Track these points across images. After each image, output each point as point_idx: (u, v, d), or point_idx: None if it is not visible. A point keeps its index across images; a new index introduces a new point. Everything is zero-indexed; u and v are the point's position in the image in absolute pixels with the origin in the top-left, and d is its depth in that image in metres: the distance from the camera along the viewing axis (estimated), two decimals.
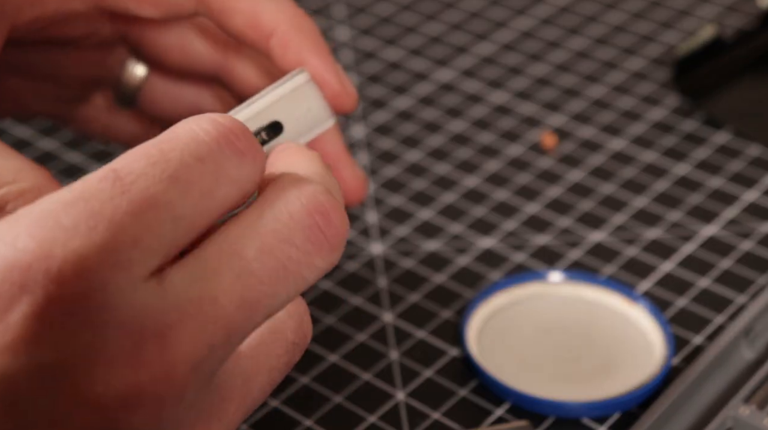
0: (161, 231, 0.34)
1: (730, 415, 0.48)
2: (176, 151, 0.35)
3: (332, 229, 0.37)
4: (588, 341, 0.53)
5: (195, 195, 0.35)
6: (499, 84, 0.70)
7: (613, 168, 0.63)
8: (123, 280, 0.33)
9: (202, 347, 0.34)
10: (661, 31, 0.74)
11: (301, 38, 0.47)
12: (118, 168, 0.34)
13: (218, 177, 0.35)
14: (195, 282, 0.34)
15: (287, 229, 0.36)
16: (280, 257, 0.35)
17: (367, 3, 0.77)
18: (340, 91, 0.47)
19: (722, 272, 0.57)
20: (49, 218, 0.33)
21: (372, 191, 0.62)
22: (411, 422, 0.50)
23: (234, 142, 0.36)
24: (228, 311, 0.34)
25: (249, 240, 0.35)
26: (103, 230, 0.33)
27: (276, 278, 0.35)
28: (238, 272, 0.35)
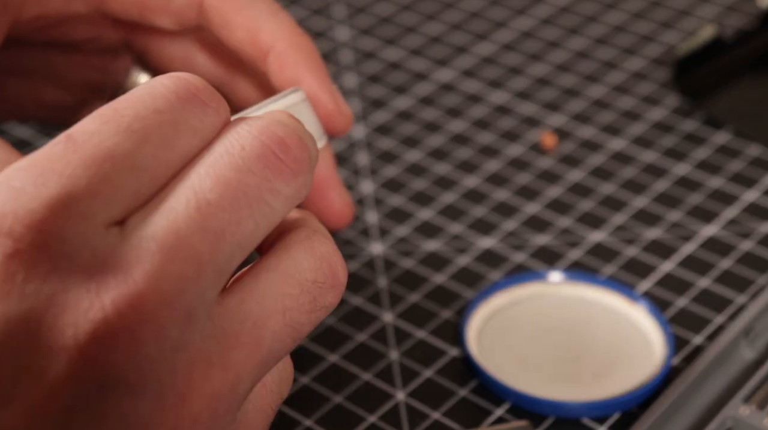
0: (120, 181, 0.34)
1: (730, 415, 0.48)
2: (131, 108, 0.35)
3: (290, 154, 0.37)
4: (588, 341, 0.53)
5: (153, 145, 0.35)
6: (499, 84, 0.70)
7: (613, 168, 0.63)
8: (82, 229, 0.33)
9: (169, 279, 0.34)
10: (661, 31, 0.74)
11: (298, 56, 0.47)
12: (71, 132, 0.35)
13: (177, 127, 0.35)
14: (153, 221, 0.34)
15: (241, 159, 0.36)
16: (237, 185, 0.35)
17: (367, 3, 0.77)
18: (335, 112, 0.47)
19: (722, 272, 0.57)
20: (2, 185, 0.33)
21: (372, 191, 0.62)
22: (411, 422, 0.50)
23: (195, 94, 0.36)
24: (191, 242, 0.34)
25: (204, 176, 0.35)
26: (54, 185, 0.33)
27: (237, 205, 0.35)
28: (196, 205, 0.35)
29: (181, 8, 0.48)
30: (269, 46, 0.47)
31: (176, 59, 0.51)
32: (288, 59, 0.47)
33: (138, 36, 0.51)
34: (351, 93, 0.69)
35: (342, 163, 0.64)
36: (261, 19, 0.47)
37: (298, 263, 0.37)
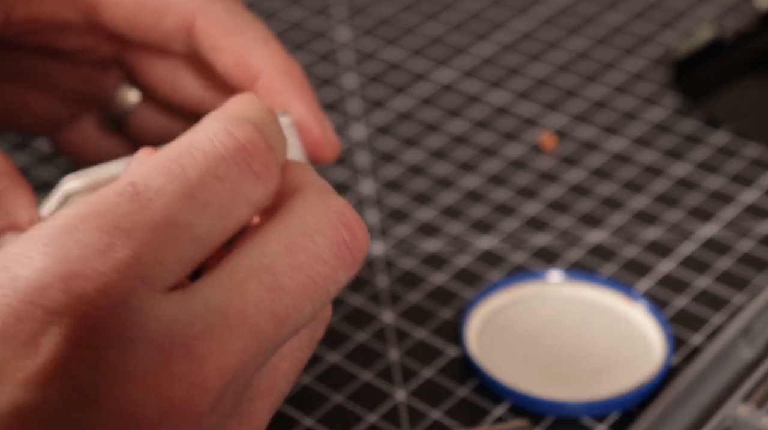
0: (180, 250, 0.34)
1: (729, 414, 0.48)
2: (195, 169, 0.35)
3: (357, 243, 0.37)
4: (587, 341, 0.53)
5: (212, 215, 0.35)
6: (498, 84, 0.70)
7: (613, 168, 0.63)
8: (146, 295, 0.33)
9: (233, 358, 0.33)
10: (660, 32, 0.74)
11: (287, 83, 0.47)
12: (136, 182, 0.34)
13: (235, 197, 0.35)
14: (221, 293, 0.34)
15: (317, 245, 0.36)
16: (309, 273, 0.35)
17: (367, 3, 0.77)
18: (322, 139, 0.46)
19: (721, 272, 0.57)
20: (65, 235, 0.33)
21: (372, 191, 0.62)
22: (411, 422, 0.50)
23: (251, 165, 0.35)
24: (258, 322, 0.34)
25: (280, 256, 0.35)
26: (123, 247, 0.33)
27: (305, 294, 0.35)
28: (269, 286, 0.35)
29: (172, 29, 0.47)
30: (258, 71, 0.47)
31: (164, 79, 0.51)
32: (277, 85, 0.46)
33: (128, 52, 0.51)
34: (351, 93, 0.69)
35: (342, 164, 0.64)
36: (251, 45, 0.47)
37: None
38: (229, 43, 0.47)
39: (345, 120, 0.67)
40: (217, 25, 0.47)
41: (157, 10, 0.47)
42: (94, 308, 0.32)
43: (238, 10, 0.48)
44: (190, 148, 0.35)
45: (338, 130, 0.66)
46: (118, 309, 0.32)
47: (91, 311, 0.32)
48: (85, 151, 0.55)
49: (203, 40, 0.47)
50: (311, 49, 0.73)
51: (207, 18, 0.47)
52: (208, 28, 0.47)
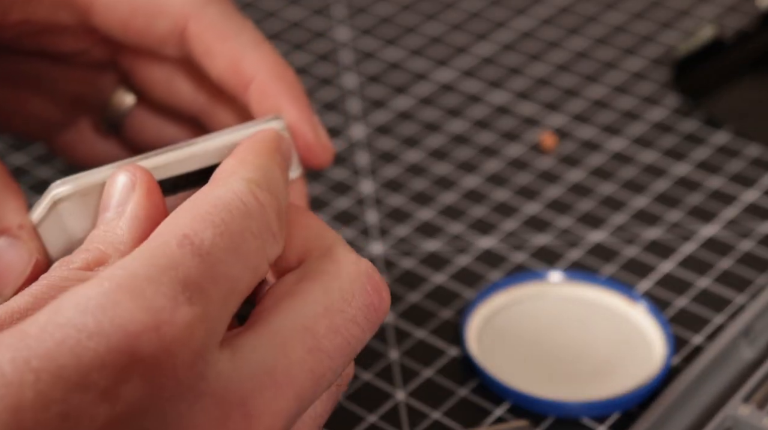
0: (229, 303, 0.35)
1: (730, 414, 0.48)
2: (236, 224, 0.36)
3: (383, 305, 0.39)
4: (588, 341, 0.53)
5: (250, 269, 0.36)
6: (498, 84, 0.70)
7: (613, 168, 0.63)
8: (211, 352, 0.34)
9: (280, 418, 0.35)
10: (660, 32, 0.74)
11: (280, 87, 0.47)
12: (190, 234, 0.35)
13: (262, 255, 0.37)
14: (269, 354, 0.36)
15: (352, 308, 0.38)
16: (345, 335, 0.37)
17: (367, 3, 0.77)
18: (314, 144, 0.46)
19: (722, 272, 0.57)
20: (150, 285, 0.34)
21: (372, 191, 0.62)
22: (411, 422, 0.50)
23: (271, 226, 0.37)
24: (300, 381, 0.36)
25: (320, 318, 0.37)
26: (198, 301, 0.34)
27: (341, 354, 0.37)
28: (310, 347, 0.36)
29: (164, 33, 0.47)
30: (251, 76, 0.47)
31: (159, 82, 0.51)
32: (270, 90, 0.46)
33: (123, 55, 0.51)
34: (351, 93, 0.69)
35: (342, 163, 0.64)
36: (244, 50, 0.47)
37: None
38: (221, 47, 0.47)
39: (345, 120, 0.67)
40: (210, 29, 0.47)
41: (150, 14, 0.47)
42: (175, 359, 0.33)
43: (230, 13, 0.48)
44: (225, 205, 0.37)
45: (338, 130, 0.66)
46: (196, 362, 0.33)
47: (173, 362, 0.33)
48: (81, 154, 0.55)
49: (196, 44, 0.47)
50: (311, 49, 0.73)
51: (199, 22, 0.47)
52: (201, 32, 0.47)
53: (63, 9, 0.48)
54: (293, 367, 0.36)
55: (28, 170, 0.64)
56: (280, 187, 0.39)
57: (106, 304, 0.33)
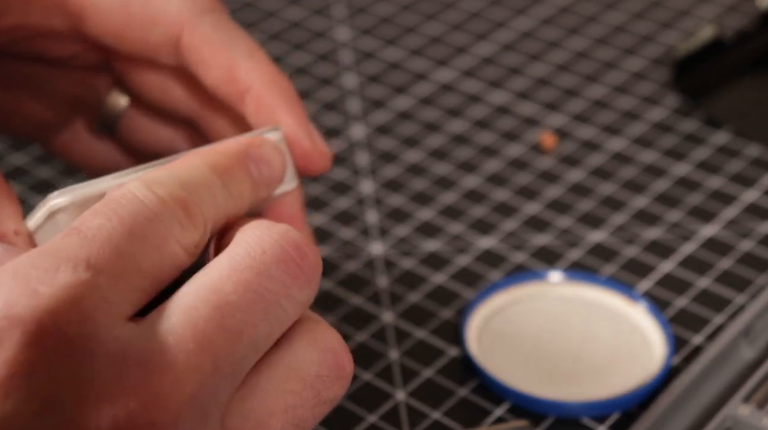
0: (128, 280, 0.35)
1: (730, 414, 0.48)
2: (127, 211, 0.37)
3: (306, 261, 0.38)
4: (588, 341, 0.53)
5: (150, 249, 0.36)
6: (499, 84, 0.70)
7: (613, 168, 0.63)
8: (103, 316, 0.34)
9: (189, 373, 0.34)
10: (660, 32, 0.74)
11: (275, 96, 0.46)
12: (77, 225, 0.36)
13: (164, 236, 0.37)
14: (173, 316, 0.35)
15: (263, 263, 0.37)
16: (257, 288, 0.36)
17: (367, 3, 0.77)
18: (313, 152, 0.46)
19: (722, 272, 0.57)
20: (28, 265, 0.34)
21: (372, 191, 0.62)
22: (411, 422, 0.50)
23: (176, 213, 0.37)
24: (210, 338, 0.35)
25: (226, 277, 0.36)
26: (82, 270, 0.34)
27: (254, 308, 0.36)
28: (216, 303, 0.36)
29: (158, 42, 0.47)
30: (246, 86, 0.47)
31: (153, 88, 0.51)
32: (265, 99, 0.46)
33: (117, 60, 0.51)
34: (351, 93, 0.69)
35: (342, 163, 0.64)
36: (238, 59, 0.47)
37: (301, 356, 0.37)
38: (216, 57, 0.47)
39: (345, 120, 0.67)
40: (204, 39, 0.47)
41: (144, 24, 0.47)
42: (58, 316, 0.33)
43: (224, 22, 0.47)
44: (115, 199, 0.37)
45: (338, 130, 0.66)
46: (84, 321, 0.33)
47: (56, 319, 0.33)
48: (77, 155, 0.55)
49: (190, 54, 0.47)
50: (311, 49, 0.73)
51: (193, 32, 0.47)
52: (195, 42, 0.47)
53: (57, 16, 0.48)
54: (199, 323, 0.35)
55: (28, 170, 0.64)
56: (198, 185, 0.39)
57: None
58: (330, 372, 0.38)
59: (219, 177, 0.40)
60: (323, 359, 0.38)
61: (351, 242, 0.59)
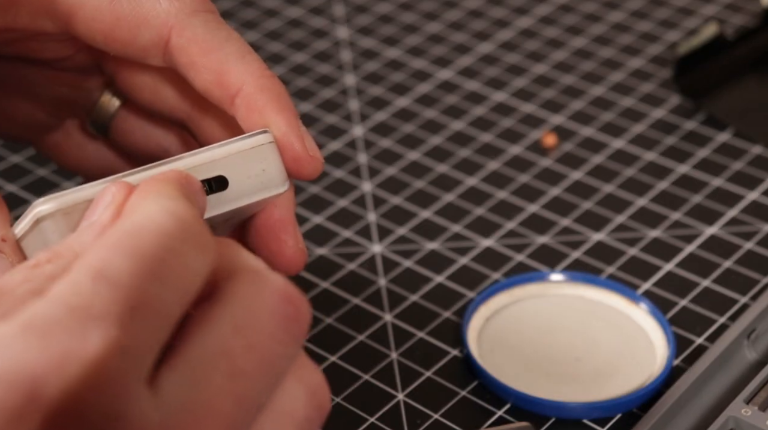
0: (155, 329, 0.34)
1: (732, 416, 0.48)
2: (150, 246, 0.35)
3: (301, 315, 0.37)
4: (589, 342, 0.53)
5: (171, 288, 0.34)
6: (499, 83, 0.70)
7: (614, 168, 0.63)
8: (135, 385, 0.33)
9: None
10: (662, 30, 0.74)
11: (266, 99, 0.46)
12: (100, 267, 0.34)
13: (186, 270, 0.35)
14: (187, 388, 0.34)
15: (267, 324, 0.36)
16: (264, 352, 0.36)
17: (366, 2, 0.77)
18: (303, 155, 0.46)
19: (724, 273, 0.57)
20: (54, 325, 0.32)
21: (372, 191, 0.62)
22: (411, 422, 0.50)
23: (196, 237, 0.36)
24: (225, 411, 0.34)
25: (234, 339, 0.35)
26: (112, 329, 0.32)
27: (264, 372, 0.35)
28: (229, 372, 0.35)
29: (147, 45, 0.47)
30: (237, 88, 0.46)
31: (145, 89, 0.50)
32: (256, 102, 0.46)
33: (107, 60, 0.50)
34: (350, 92, 0.69)
35: (342, 163, 0.64)
36: (228, 62, 0.46)
37: (293, 400, 0.37)
38: (205, 60, 0.46)
39: (345, 119, 0.67)
40: (193, 41, 0.46)
41: (133, 25, 0.47)
42: (84, 400, 0.32)
43: (215, 23, 0.47)
44: (136, 230, 0.35)
45: (338, 129, 0.66)
46: (111, 403, 0.32)
47: (81, 404, 0.32)
48: (70, 157, 0.54)
49: (179, 56, 0.47)
50: (311, 48, 0.73)
51: (182, 34, 0.46)
52: (184, 44, 0.46)
53: (44, 17, 0.47)
54: (214, 398, 0.34)
55: (28, 170, 0.64)
56: (195, 205, 0.38)
57: (8, 345, 0.32)
58: (316, 412, 0.37)
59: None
60: (311, 399, 0.37)
61: (351, 242, 0.59)
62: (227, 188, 0.43)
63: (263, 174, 0.43)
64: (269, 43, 0.73)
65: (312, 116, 0.67)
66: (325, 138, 0.65)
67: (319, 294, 0.56)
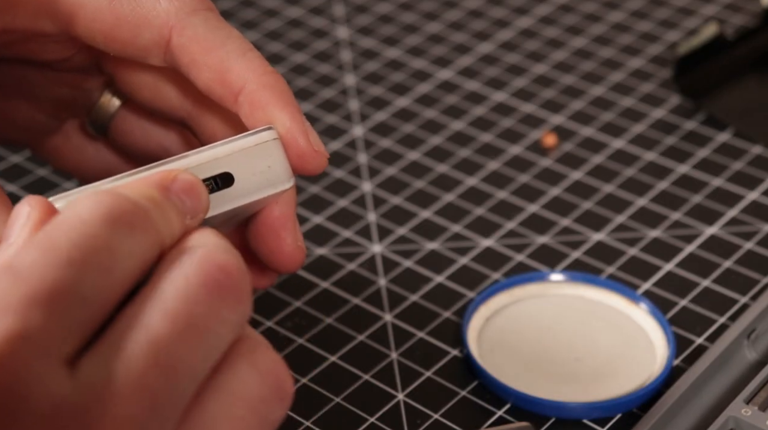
0: (70, 314, 0.34)
1: (732, 416, 0.48)
2: (65, 235, 0.35)
3: (232, 280, 0.36)
4: (589, 342, 0.53)
5: (94, 274, 0.34)
6: (499, 83, 0.70)
7: (614, 167, 0.63)
8: (36, 371, 0.33)
9: (127, 423, 0.33)
10: (662, 30, 0.74)
11: (269, 96, 0.46)
12: (9, 263, 0.34)
13: (112, 253, 0.35)
14: (105, 362, 0.34)
15: (186, 289, 0.35)
16: (185, 315, 0.35)
17: (366, 2, 0.77)
18: (308, 150, 0.45)
19: (724, 273, 0.57)
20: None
21: (372, 191, 0.62)
22: (411, 422, 0.50)
23: (122, 217, 0.36)
24: (148, 383, 0.34)
25: (150, 309, 0.35)
26: (13, 322, 0.33)
27: (186, 337, 0.35)
28: (145, 340, 0.34)
29: (148, 45, 0.47)
30: (239, 86, 0.46)
31: (145, 89, 0.50)
32: (259, 100, 0.45)
33: (108, 60, 0.50)
34: (350, 92, 0.69)
35: (342, 163, 0.64)
36: (230, 60, 0.46)
37: (243, 380, 0.36)
38: (207, 59, 0.46)
39: (345, 119, 0.67)
40: (194, 40, 0.46)
41: (134, 25, 0.46)
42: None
43: (215, 22, 0.47)
44: (56, 221, 0.35)
45: (338, 129, 0.66)
46: (13, 383, 0.32)
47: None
48: (69, 159, 0.54)
49: (180, 55, 0.46)
50: (311, 48, 0.73)
51: (183, 33, 0.46)
52: (185, 43, 0.46)
53: (44, 18, 0.47)
54: (136, 371, 0.34)
55: (28, 170, 0.64)
56: (134, 196, 0.37)
57: None
58: (273, 394, 0.37)
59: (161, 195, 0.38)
60: (265, 380, 0.37)
61: (351, 242, 0.59)
62: (232, 185, 0.43)
63: (268, 171, 0.43)
64: (269, 43, 0.73)
65: (312, 116, 0.67)
66: (325, 138, 0.65)
67: (319, 294, 0.56)
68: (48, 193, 0.62)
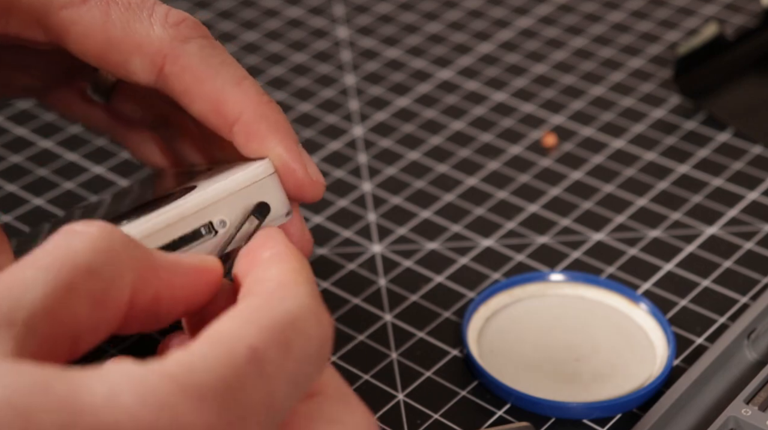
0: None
1: (732, 416, 0.48)
2: (299, 345, 0.35)
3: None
4: (589, 342, 0.53)
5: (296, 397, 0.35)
6: (499, 83, 0.70)
7: (614, 167, 0.63)
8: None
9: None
10: (662, 30, 0.74)
11: (265, 126, 0.45)
12: (258, 348, 0.34)
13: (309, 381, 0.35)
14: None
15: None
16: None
17: (366, 2, 0.77)
18: (305, 180, 0.45)
19: (724, 273, 0.57)
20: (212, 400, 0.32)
21: (372, 191, 0.62)
22: (411, 422, 0.50)
23: (324, 352, 0.36)
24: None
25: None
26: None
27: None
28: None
29: (138, 71, 0.46)
30: (235, 117, 0.45)
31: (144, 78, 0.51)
32: (255, 130, 0.45)
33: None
34: (350, 92, 0.69)
35: (342, 163, 0.64)
36: (225, 90, 0.45)
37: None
38: (201, 89, 0.45)
39: (345, 119, 0.67)
40: (188, 69, 0.45)
41: (125, 51, 0.46)
42: None
43: (210, 49, 0.46)
44: (292, 322, 0.36)
45: (338, 129, 0.66)
46: None
47: None
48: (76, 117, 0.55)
49: (174, 84, 0.46)
50: (311, 48, 0.73)
51: (176, 62, 0.45)
52: (178, 72, 0.45)
53: (36, 29, 0.47)
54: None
55: (28, 170, 0.64)
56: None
57: (166, 404, 0.31)
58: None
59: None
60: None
61: (351, 242, 0.59)
62: (227, 226, 0.43)
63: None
64: (269, 44, 0.73)
65: (312, 116, 0.67)
66: (325, 138, 0.65)
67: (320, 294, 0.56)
68: (48, 193, 0.62)
